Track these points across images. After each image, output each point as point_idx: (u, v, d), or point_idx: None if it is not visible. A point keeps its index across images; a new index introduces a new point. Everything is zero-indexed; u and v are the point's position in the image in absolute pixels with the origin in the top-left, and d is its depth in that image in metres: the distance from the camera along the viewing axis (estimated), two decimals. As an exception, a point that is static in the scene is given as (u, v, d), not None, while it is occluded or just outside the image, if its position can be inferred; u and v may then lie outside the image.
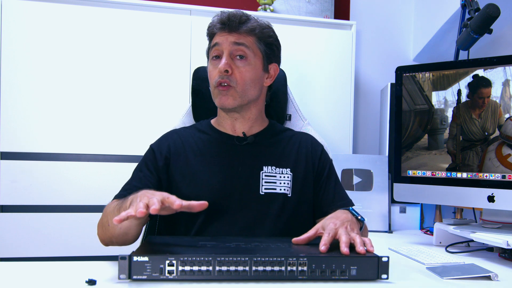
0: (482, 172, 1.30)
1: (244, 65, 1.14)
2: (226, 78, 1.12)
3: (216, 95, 1.16)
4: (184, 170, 1.14)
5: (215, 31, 1.16)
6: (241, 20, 1.15)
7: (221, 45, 1.14)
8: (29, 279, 0.84)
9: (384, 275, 0.82)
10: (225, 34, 1.14)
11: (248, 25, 1.15)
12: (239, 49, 1.14)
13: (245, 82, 1.14)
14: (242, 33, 1.15)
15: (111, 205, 1.04)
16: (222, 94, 1.14)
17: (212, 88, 1.16)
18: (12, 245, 1.69)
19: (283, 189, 1.15)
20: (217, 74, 1.13)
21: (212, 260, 0.78)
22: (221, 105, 1.15)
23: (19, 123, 1.71)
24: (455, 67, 1.36)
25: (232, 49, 1.14)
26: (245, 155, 1.18)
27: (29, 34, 1.72)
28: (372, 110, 2.31)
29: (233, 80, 1.13)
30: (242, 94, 1.15)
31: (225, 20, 1.14)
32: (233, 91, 1.13)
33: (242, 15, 1.16)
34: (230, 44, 1.13)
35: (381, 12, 2.34)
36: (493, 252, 1.25)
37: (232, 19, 1.14)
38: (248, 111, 1.19)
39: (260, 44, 1.18)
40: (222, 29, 1.15)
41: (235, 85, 1.13)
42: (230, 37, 1.14)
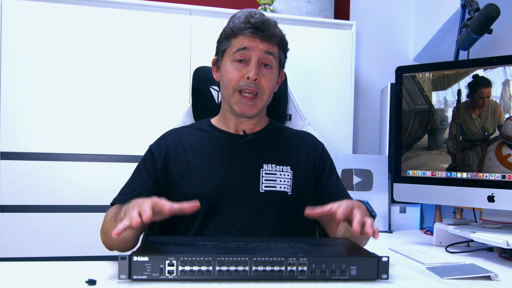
0: (482, 172, 1.30)
1: (269, 74, 1.15)
2: (254, 86, 1.12)
3: (236, 101, 1.14)
4: (184, 169, 1.14)
5: (244, 34, 1.12)
6: (274, 29, 1.14)
7: (251, 51, 1.12)
8: (29, 279, 0.84)
9: (384, 275, 0.82)
10: (256, 41, 1.12)
11: (277, 34, 1.15)
12: (268, 58, 1.14)
13: (269, 91, 1.16)
14: (271, 42, 1.14)
15: (110, 213, 1.05)
16: (246, 104, 1.13)
17: (231, 91, 1.14)
18: (12, 245, 1.69)
19: (283, 187, 1.15)
20: (242, 79, 1.12)
21: (212, 260, 0.78)
22: (244, 113, 1.14)
23: (19, 123, 1.71)
24: (455, 67, 1.36)
25: (261, 57, 1.13)
26: (245, 153, 1.18)
27: (29, 34, 1.72)
28: (372, 110, 2.31)
29: (261, 88, 1.13)
30: (266, 102, 1.17)
31: (259, 25, 1.11)
32: (259, 100, 1.14)
33: (274, 23, 1.15)
34: (261, 52, 1.12)
35: (381, 12, 2.34)
36: (493, 252, 1.25)
37: (267, 28, 1.12)
38: (258, 116, 1.20)
39: (280, 53, 1.19)
40: (254, 34, 1.11)
41: (262, 93, 1.14)
42: (261, 45, 1.12)
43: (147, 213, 0.80)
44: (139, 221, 0.80)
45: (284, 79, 1.48)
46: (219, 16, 1.86)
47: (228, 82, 1.14)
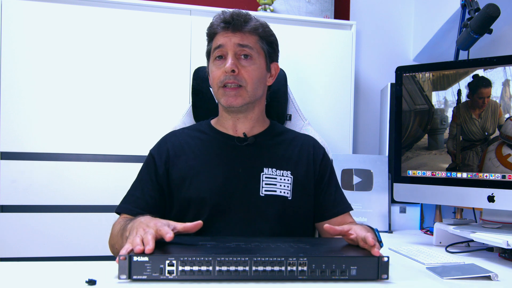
0: (482, 172, 1.30)
1: (250, 64, 1.14)
2: (233, 78, 1.12)
3: (221, 95, 1.14)
4: (185, 173, 1.14)
5: (218, 31, 1.14)
6: (245, 19, 1.14)
7: (225, 46, 1.13)
8: (29, 279, 0.84)
9: (384, 275, 0.82)
10: (229, 35, 1.13)
11: (251, 24, 1.15)
12: (244, 50, 1.14)
13: (253, 81, 1.15)
14: (246, 33, 1.14)
15: (116, 227, 1.06)
16: (229, 94, 1.13)
17: (216, 88, 1.15)
18: (12, 245, 1.69)
19: (283, 192, 1.15)
20: (223, 74, 1.12)
21: (212, 260, 0.78)
22: (229, 104, 1.14)
23: (19, 123, 1.70)
24: (455, 67, 1.36)
25: (236, 49, 1.13)
26: (246, 156, 1.17)
27: (29, 34, 1.72)
28: (372, 110, 2.31)
29: (242, 79, 1.13)
30: (252, 93, 1.15)
31: (228, 19, 1.13)
32: (243, 91, 1.13)
33: (245, 14, 1.15)
34: (234, 45, 1.13)
35: (381, 12, 2.34)
36: (493, 252, 1.25)
37: (236, 19, 1.13)
38: (251, 111, 1.19)
39: (262, 43, 1.18)
40: (225, 28, 1.13)
41: (245, 84, 1.13)
42: (234, 38, 1.13)
43: (150, 246, 0.79)
44: (141, 249, 0.79)
45: (284, 79, 1.48)
46: (219, 16, 1.86)
47: (213, 81, 1.16)
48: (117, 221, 1.09)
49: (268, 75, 1.21)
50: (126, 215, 1.10)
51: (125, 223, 0.99)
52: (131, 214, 1.09)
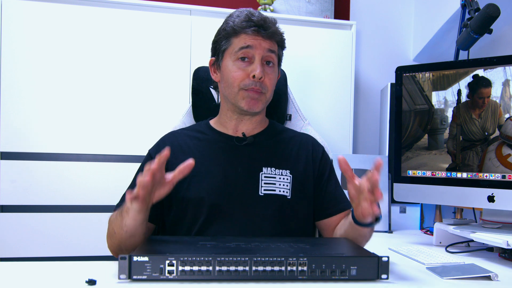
0: (482, 172, 1.30)
1: (272, 72, 1.15)
2: (259, 85, 1.12)
3: (242, 97, 1.13)
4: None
5: (248, 32, 1.12)
6: (274, 27, 1.14)
7: (255, 49, 1.12)
8: (29, 279, 0.84)
9: (384, 275, 0.82)
10: (259, 39, 1.12)
11: (278, 32, 1.16)
12: (270, 56, 1.14)
13: (272, 89, 1.17)
14: (273, 40, 1.15)
15: (113, 215, 1.05)
16: (253, 98, 1.12)
17: (236, 89, 1.13)
18: (12, 245, 1.69)
19: (283, 191, 1.15)
20: (247, 78, 1.11)
21: (212, 260, 0.78)
22: (250, 108, 1.13)
23: (19, 123, 1.71)
24: (455, 67, 1.36)
25: (265, 55, 1.13)
26: (245, 156, 1.17)
27: (29, 34, 1.72)
28: (372, 110, 2.31)
29: (265, 87, 1.13)
30: (269, 99, 1.17)
31: (261, 23, 1.12)
32: (263, 97, 1.15)
33: (274, 21, 1.15)
34: (264, 50, 1.12)
35: (381, 12, 2.34)
36: (493, 252, 1.25)
37: (269, 25, 1.12)
38: (260, 114, 1.21)
39: (280, 51, 1.20)
40: (256, 32, 1.11)
41: (266, 91, 1.14)
42: (264, 43, 1.12)
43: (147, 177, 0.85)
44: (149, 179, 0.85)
45: (284, 79, 1.48)
46: (219, 16, 1.86)
47: (233, 81, 1.13)
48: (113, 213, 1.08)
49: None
50: None
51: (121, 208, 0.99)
52: None
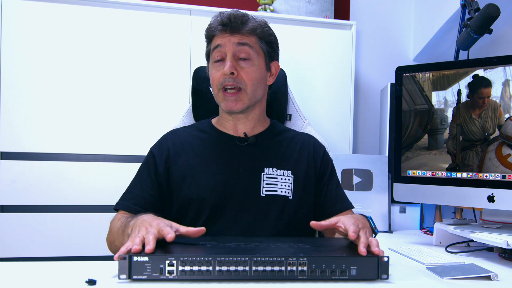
0: (482, 172, 1.30)
1: (249, 66, 1.14)
2: (232, 81, 1.11)
3: (221, 99, 1.14)
4: (185, 172, 1.14)
5: (216, 33, 1.14)
6: (242, 20, 1.13)
7: (224, 47, 1.12)
8: (29, 279, 0.84)
9: (384, 275, 0.82)
10: (227, 36, 1.13)
11: (249, 25, 1.14)
12: (243, 50, 1.13)
13: (253, 83, 1.14)
14: (244, 34, 1.13)
15: (116, 223, 1.05)
16: (229, 99, 1.13)
17: (216, 91, 1.15)
18: (12, 245, 1.69)
19: (284, 191, 1.15)
20: (222, 76, 1.12)
21: (212, 260, 0.78)
22: (229, 109, 1.14)
23: (19, 123, 1.70)
24: (455, 67, 1.36)
25: (235, 50, 1.12)
26: (246, 156, 1.17)
27: (29, 34, 1.72)
28: (372, 110, 2.31)
29: (241, 81, 1.12)
30: (252, 95, 1.15)
31: (226, 21, 1.12)
32: (243, 94, 1.13)
33: (242, 15, 1.15)
34: (233, 45, 1.12)
35: (381, 12, 2.34)
36: (493, 252, 1.25)
37: (233, 20, 1.12)
38: (252, 112, 1.19)
39: (261, 43, 1.17)
40: (223, 30, 1.13)
41: (245, 86, 1.13)
42: (232, 38, 1.12)
43: (150, 246, 0.79)
44: (140, 249, 0.79)
45: (284, 79, 1.48)
46: (219, 16, 1.86)
47: (213, 83, 1.15)
48: (116, 217, 1.08)
49: (268, 75, 1.21)
50: (125, 212, 1.10)
51: (126, 220, 0.99)
52: (129, 211, 1.08)
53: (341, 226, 0.92)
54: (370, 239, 0.87)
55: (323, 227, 0.93)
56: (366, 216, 1.07)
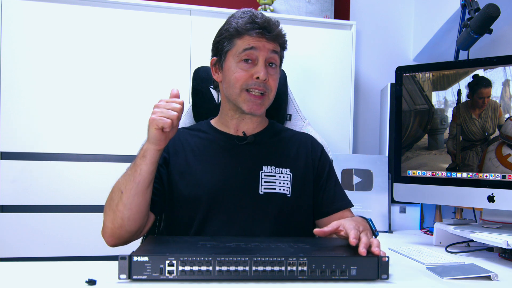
0: (482, 172, 1.30)
1: (275, 73, 1.16)
2: (263, 86, 1.12)
3: (244, 100, 1.13)
4: (183, 170, 1.14)
5: (251, 34, 1.12)
6: (278, 29, 1.15)
7: (259, 51, 1.12)
8: (29, 279, 0.84)
9: (384, 275, 0.82)
10: (263, 40, 1.12)
11: (281, 34, 1.17)
12: (274, 58, 1.15)
13: (275, 90, 1.17)
14: (276, 42, 1.16)
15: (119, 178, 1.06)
16: (255, 102, 1.13)
17: (239, 91, 1.13)
18: (12, 245, 1.69)
19: (283, 189, 1.15)
20: (250, 79, 1.12)
21: (212, 260, 0.78)
22: (253, 111, 1.14)
23: (19, 123, 1.71)
24: (455, 67, 1.36)
25: (268, 56, 1.13)
26: (245, 154, 1.18)
27: (29, 34, 1.72)
28: (372, 110, 2.31)
29: (268, 87, 1.14)
30: (271, 100, 1.18)
31: (265, 25, 1.12)
32: (266, 99, 1.15)
33: (278, 23, 1.16)
34: (268, 52, 1.13)
35: (381, 12, 2.34)
36: (493, 252, 1.25)
37: (272, 27, 1.13)
38: (260, 115, 1.21)
39: (281, 52, 1.21)
40: (260, 34, 1.12)
41: (269, 92, 1.15)
42: (267, 45, 1.13)
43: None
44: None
45: (284, 79, 1.48)
46: (219, 16, 1.86)
47: (235, 82, 1.13)
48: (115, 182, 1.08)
49: None
50: None
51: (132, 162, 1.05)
52: None
53: (342, 230, 0.93)
54: (371, 240, 0.87)
55: (326, 233, 0.94)
56: (366, 218, 1.07)
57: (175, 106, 0.96)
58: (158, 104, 0.98)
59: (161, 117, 0.95)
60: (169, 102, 0.97)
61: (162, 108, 0.96)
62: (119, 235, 1.03)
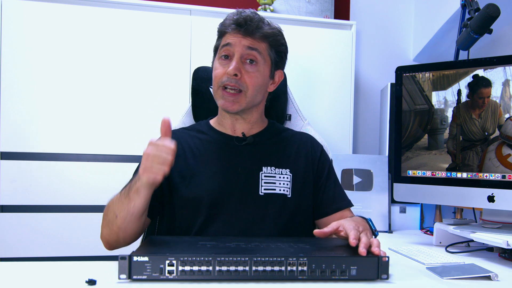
0: (482, 172, 1.30)
1: (254, 71, 1.14)
2: (235, 82, 1.11)
3: (219, 96, 1.14)
4: (183, 172, 1.14)
5: (229, 31, 1.13)
6: (258, 25, 1.13)
7: (233, 47, 1.12)
8: (29, 279, 0.84)
9: (384, 275, 0.82)
10: (239, 36, 1.12)
11: (263, 31, 1.14)
12: (251, 54, 1.13)
13: (254, 88, 1.14)
14: (256, 39, 1.14)
15: (114, 198, 1.05)
16: (227, 99, 1.12)
17: (216, 88, 1.14)
18: (12, 245, 1.69)
19: (283, 190, 1.15)
20: (224, 75, 1.12)
21: (212, 260, 0.78)
22: (225, 108, 1.14)
23: (19, 123, 1.71)
24: (455, 67, 1.36)
25: (244, 52, 1.12)
26: (245, 155, 1.17)
27: (29, 34, 1.72)
28: (372, 110, 2.31)
29: (243, 84, 1.12)
30: (250, 100, 1.15)
31: (241, 22, 1.12)
32: (242, 97, 1.13)
33: (259, 19, 1.15)
34: (243, 48, 1.12)
35: (381, 12, 2.34)
36: (493, 252, 1.25)
37: (249, 23, 1.12)
38: (249, 114, 1.20)
39: (271, 51, 1.18)
40: (236, 30, 1.12)
41: (246, 89, 1.13)
42: (243, 41, 1.12)
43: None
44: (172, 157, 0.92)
45: (284, 79, 1.48)
46: (219, 16, 1.85)
47: (214, 79, 1.15)
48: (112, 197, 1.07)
49: (270, 82, 1.22)
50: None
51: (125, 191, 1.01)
52: None
53: (342, 230, 0.93)
54: (371, 240, 0.87)
55: (326, 234, 0.94)
56: (366, 218, 1.07)
57: (165, 158, 0.92)
58: (149, 154, 0.93)
59: (153, 171, 0.92)
60: (160, 151, 0.92)
61: (153, 162, 0.92)
62: (115, 246, 1.08)
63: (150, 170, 0.92)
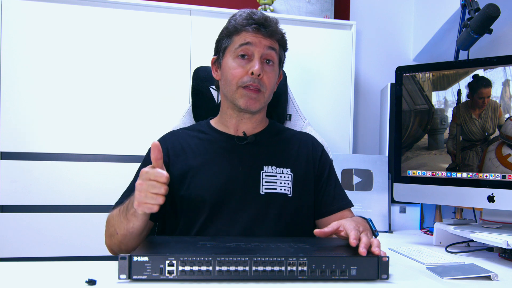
0: (482, 172, 1.30)
1: (271, 71, 1.16)
2: (257, 82, 1.12)
3: (240, 95, 1.14)
4: (184, 172, 1.14)
5: (248, 30, 1.13)
6: (276, 26, 1.15)
7: (255, 46, 1.12)
8: (29, 279, 0.84)
9: (384, 275, 0.82)
10: (259, 36, 1.13)
11: (278, 31, 1.17)
12: (270, 54, 1.15)
13: (271, 87, 1.17)
14: (274, 39, 1.16)
15: (114, 213, 1.05)
16: (251, 97, 1.13)
17: (235, 87, 1.14)
18: (12, 245, 1.69)
19: (284, 189, 1.15)
20: (246, 75, 1.12)
21: (212, 260, 0.78)
22: (248, 107, 1.14)
23: (19, 123, 1.70)
24: (455, 67, 1.36)
25: (264, 52, 1.13)
26: (245, 155, 1.17)
27: (29, 34, 1.72)
28: (372, 110, 2.31)
29: (263, 84, 1.14)
30: (267, 99, 1.17)
31: (262, 21, 1.13)
32: (261, 96, 1.15)
33: (276, 20, 1.16)
34: (264, 48, 1.13)
35: (381, 12, 2.34)
36: (493, 252, 1.25)
37: (270, 24, 1.14)
38: (259, 114, 1.21)
39: (281, 51, 1.20)
40: (257, 30, 1.13)
41: (264, 89, 1.14)
42: (264, 41, 1.13)
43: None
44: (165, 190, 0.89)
45: (284, 79, 1.48)
46: (219, 16, 1.86)
47: (232, 79, 1.14)
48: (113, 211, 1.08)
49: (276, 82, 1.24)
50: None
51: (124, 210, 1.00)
52: None
53: (343, 230, 0.93)
54: (372, 240, 0.87)
55: (327, 234, 0.94)
56: (366, 218, 1.07)
57: (158, 190, 0.89)
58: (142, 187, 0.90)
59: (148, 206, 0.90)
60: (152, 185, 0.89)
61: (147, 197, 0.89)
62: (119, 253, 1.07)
63: (144, 205, 0.90)
